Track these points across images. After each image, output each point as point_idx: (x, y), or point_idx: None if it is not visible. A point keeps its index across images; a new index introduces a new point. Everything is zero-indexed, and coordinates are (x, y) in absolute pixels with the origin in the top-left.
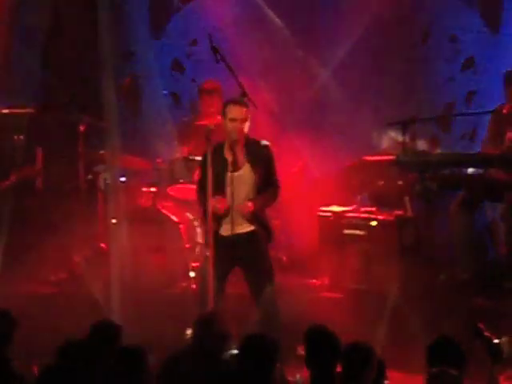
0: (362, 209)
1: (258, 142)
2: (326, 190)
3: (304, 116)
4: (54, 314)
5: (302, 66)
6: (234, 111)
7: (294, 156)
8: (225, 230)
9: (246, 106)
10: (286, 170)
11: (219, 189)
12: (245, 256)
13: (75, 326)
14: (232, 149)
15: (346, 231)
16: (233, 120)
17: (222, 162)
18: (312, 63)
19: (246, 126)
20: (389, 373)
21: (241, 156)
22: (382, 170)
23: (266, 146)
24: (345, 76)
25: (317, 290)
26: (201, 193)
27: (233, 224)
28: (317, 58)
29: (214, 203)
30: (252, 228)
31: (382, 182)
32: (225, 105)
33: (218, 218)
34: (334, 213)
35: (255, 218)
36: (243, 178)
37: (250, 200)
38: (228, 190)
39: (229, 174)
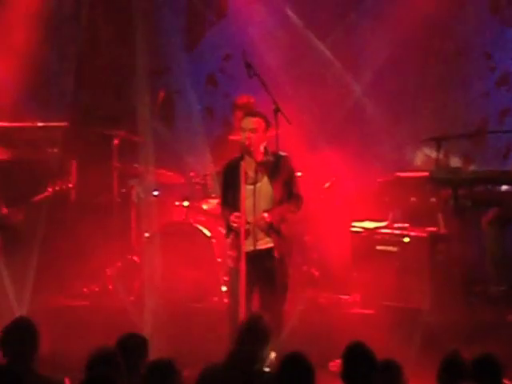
0: (395, 225)
1: (277, 154)
2: (358, 206)
3: (337, 131)
4: (86, 327)
5: (336, 81)
6: (246, 121)
7: (326, 171)
8: (247, 246)
9: (259, 116)
10: (318, 185)
11: (238, 203)
12: (261, 272)
13: (107, 339)
14: (248, 161)
15: (379, 247)
16: (243, 130)
17: (240, 176)
18: (346, 78)
19: (261, 137)
20: None
21: (258, 168)
22: (416, 186)
23: (284, 158)
24: (379, 91)
25: (348, 306)
26: (224, 207)
27: (255, 239)
28: (351, 73)
29: (234, 219)
30: (271, 245)
31: (415, 199)
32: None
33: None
34: (367, 229)
35: (274, 229)
36: (262, 191)
37: (266, 211)
38: (247, 203)
39: (247, 187)
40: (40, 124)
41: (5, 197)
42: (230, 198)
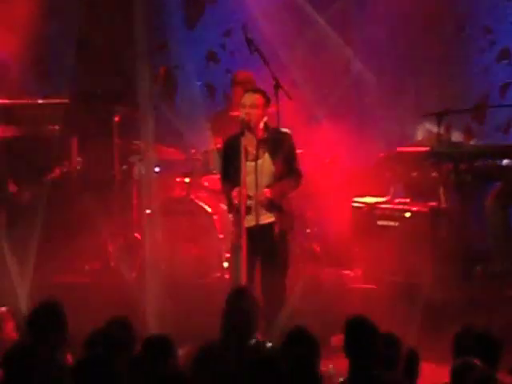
0: (396, 200)
1: (278, 131)
2: (359, 181)
3: (338, 106)
4: (87, 304)
5: (337, 55)
6: (246, 97)
7: (327, 147)
8: (248, 222)
9: (259, 92)
10: (319, 160)
11: (239, 179)
12: (263, 247)
13: (108, 316)
14: (248, 137)
15: (380, 222)
16: (243, 106)
17: (241, 152)
18: (347, 53)
19: (261, 113)
20: (421, 363)
21: (258, 145)
22: (417, 161)
23: (286, 134)
24: (380, 67)
25: (350, 282)
26: (225, 183)
27: (256, 215)
28: (352, 49)
29: (236, 194)
30: (273, 220)
31: (416, 174)
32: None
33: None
34: (368, 204)
35: (275, 205)
36: (263, 168)
37: (267, 187)
38: (249, 179)
39: (248, 163)
40: (41, 101)
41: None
42: (231, 173)
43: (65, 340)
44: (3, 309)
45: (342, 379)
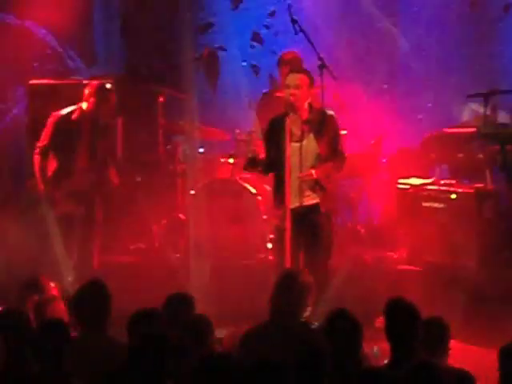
0: (442, 181)
1: (323, 111)
2: (404, 162)
3: (383, 87)
4: (132, 284)
5: (382, 36)
6: (290, 78)
7: (372, 128)
8: (293, 203)
9: (304, 73)
10: (363, 141)
11: (283, 160)
12: (307, 228)
13: (152, 296)
14: (292, 118)
15: (425, 204)
16: (287, 87)
17: (285, 133)
18: (392, 33)
19: (305, 94)
20: (458, 343)
21: (303, 125)
22: (463, 142)
23: (330, 115)
24: (425, 47)
25: (394, 263)
26: (267, 164)
27: (300, 196)
28: (398, 29)
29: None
30: (317, 200)
31: (462, 155)
32: None
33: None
34: (413, 185)
35: (319, 186)
36: (307, 149)
37: (312, 168)
38: (293, 160)
39: (292, 144)
40: (86, 81)
41: None
42: (274, 155)
43: (109, 319)
44: (52, 285)
45: (386, 361)
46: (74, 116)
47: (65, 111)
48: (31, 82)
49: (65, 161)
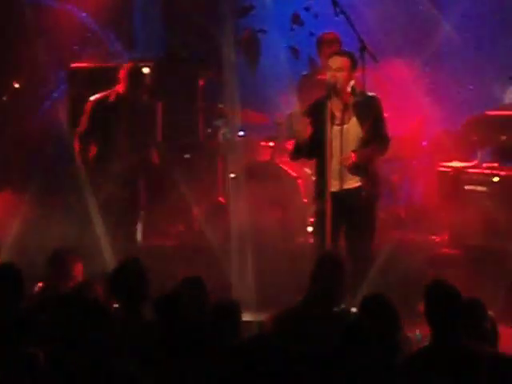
0: (484, 164)
1: (366, 94)
2: (446, 145)
3: (425, 69)
4: (171, 267)
5: (425, 17)
6: (332, 60)
7: (413, 110)
8: (334, 186)
9: (346, 55)
10: (405, 123)
11: (324, 143)
12: (348, 211)
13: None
14: (334, 101)
15: (467, 187)
16: (329, 69)
17: (326, 116)
18: (435, 15)
19: (347, 76)
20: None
21: (345, 109)
22: (505, 124)
23: (373, 98)
24: (467, 28)
25: (436, 246)
26: (310, 147)
27: (341, 180)
28: (440, 11)
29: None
30: (359, 184)
31: (505, 137)
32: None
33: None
34: (455, 168)
35: (361, 170)
36: (349, 132)
37: (353, 151)
38: (335, 144)
39: (334, 127)
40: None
41: None
42: (316, 138)
43: (147, 298)
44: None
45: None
46: (110, 99)
47: (101, 95)
48: (71, 65)
49: (105, 145)
